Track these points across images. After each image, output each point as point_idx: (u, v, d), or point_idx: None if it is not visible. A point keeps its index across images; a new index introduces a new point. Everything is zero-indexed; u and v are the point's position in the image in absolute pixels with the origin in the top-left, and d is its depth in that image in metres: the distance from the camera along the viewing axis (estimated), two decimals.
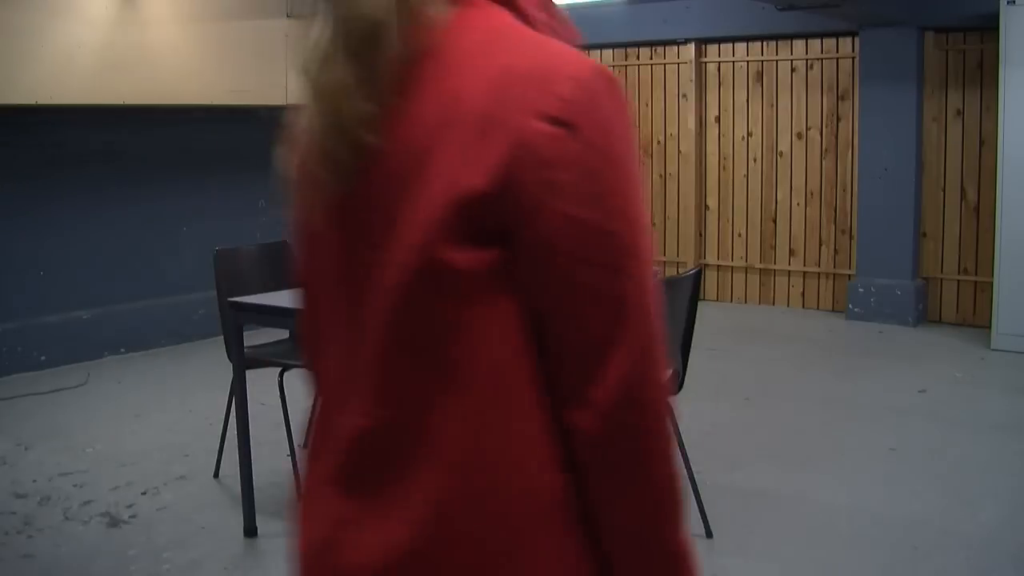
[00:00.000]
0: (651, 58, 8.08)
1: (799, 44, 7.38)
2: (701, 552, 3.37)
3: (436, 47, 0.95)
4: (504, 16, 0.98)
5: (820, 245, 7.32)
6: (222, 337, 3.93)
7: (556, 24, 1.01)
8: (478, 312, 0.94)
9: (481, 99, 0.92)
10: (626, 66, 8.25)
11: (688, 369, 3.32)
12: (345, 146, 0.95)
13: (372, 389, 1.00)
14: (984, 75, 6.52)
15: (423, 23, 0.94)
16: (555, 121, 0.90)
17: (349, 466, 1.04)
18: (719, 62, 7.75)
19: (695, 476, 3.43)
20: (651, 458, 0.97)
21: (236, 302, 3.46)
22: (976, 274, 6.67)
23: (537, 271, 0.93)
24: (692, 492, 3.40)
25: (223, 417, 4.03)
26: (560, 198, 0.91)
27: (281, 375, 3.86)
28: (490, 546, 0.97)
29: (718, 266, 7.87)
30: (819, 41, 7.27)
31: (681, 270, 7.39)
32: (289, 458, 3.91)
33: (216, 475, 4.03)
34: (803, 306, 7.39)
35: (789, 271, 7.46)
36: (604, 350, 0.93)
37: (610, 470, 0.96)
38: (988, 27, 6.20)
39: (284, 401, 3.85)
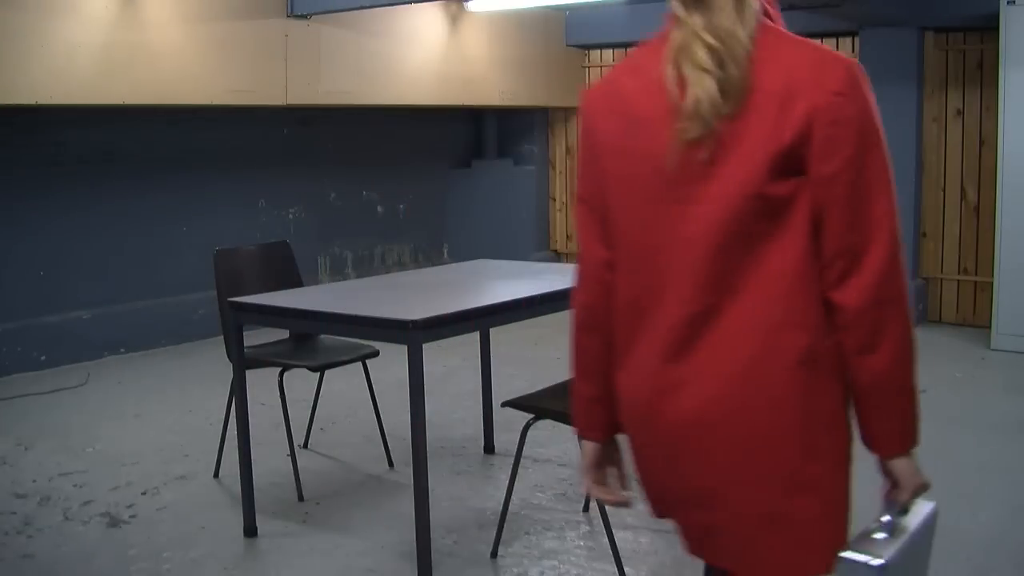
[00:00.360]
0: None
1: None
2: None
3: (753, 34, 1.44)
4: (769, 22, 1.51)
5: None
6: (222, 337, 3.93)
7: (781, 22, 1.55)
8: (781, 223, 1.41)
9: (780, 82, 1.40)
10: None
11: None
12: (710, 110, 1.40)
13: (697, 283, 1.44)
14: (984, 75, 6.51)
15: (753, 33, 1.45)
16: (835, 93, 1.39)
17: (674, 341, 1.46)
18: None
19: None
20: (897, 321, 1.41)
21: (236, 302, 3.45)
22: (976, 274, 6.67)
23: (823, 193, 1.40)
24: None
25: (223, 417, 4.03)
26: (841, 144, 1.39)
27: (281, 375, 3.86)
28: (782, 393, 1.42)
29: None
30: (819, 41, 7.25)
31: None
32: (289, 458, 3.91)
33: (216, 475, 4.03)
34: None
35: None
36: (867, 247, 1.40)
37: (866, 332, 1.40)
38: (988, 27, 6.20)
39: (284, 401, 3.85)
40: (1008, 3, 5.80)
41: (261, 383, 4.18)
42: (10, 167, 5.76)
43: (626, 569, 3.05)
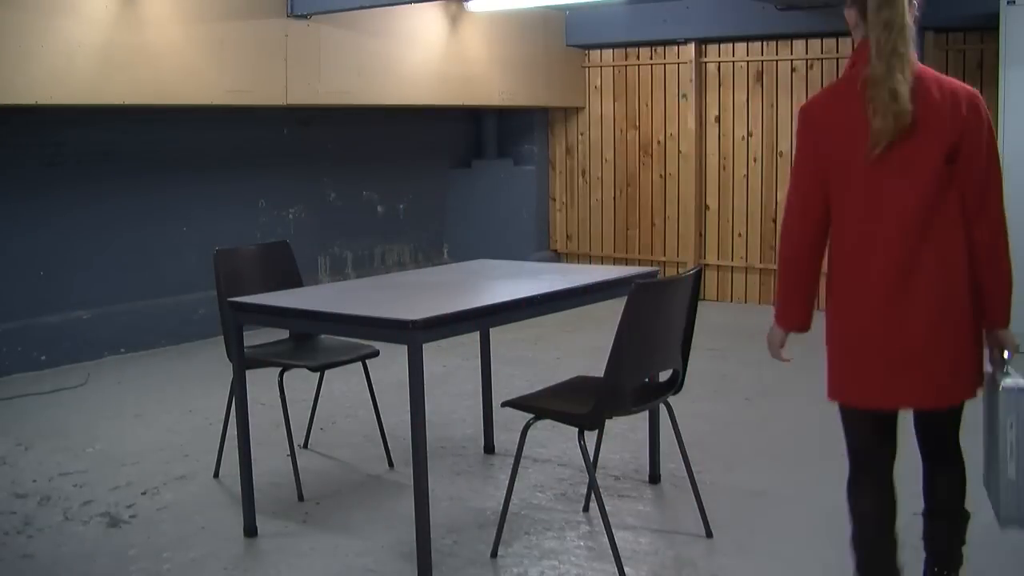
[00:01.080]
0: (651, 58, 8.08)
1: (799, 44, 7.38)
2: (701, 552, 3.34)
3: (917, 73, 2.37)
4: (922, 67, 2.41)
5: None
6: (222, 337, 3.93)
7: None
8: (948, 187, 2.36)
9: (948, 105, 2.35)
10: (626, 66, 8.25)
11: (688, 369, 3.32)
12: (903, 111, 2.32)
13: (907, 230, 2.37)
14: (984, 75, 6.51)
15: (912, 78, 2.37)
16: (974, 108, 2.37)
17: (897, 262, 2.38)
18: (719, 62, 7.75)
19: (695, 476, 3.43)
20: (1007, 245, 2.42)
21: (236, 302, 3.45)
22: None
23: (966, 167, 2.36)
24: (692, 492, 3.40)
25: (223, 417, 4.03)
26: (978, 140, 2.37)
27: (281, 375, 3.86)
28: (962, 291, 2.39)
29: (718, 266, 7.87)
30: (819, 41, 7.27)
31: (681, 270, 7.39)
32: (289, 458, 3.91)
33: (216, 475, 4.03)
34: None
35: None
36: (990, 199, 2.39)
37: (992, 253, 2.41)
38: (988, 27, 6.20)
39: (284, 401, 3.85)
40: (1008, 3, 5.80)
41: (261, 383, 4.18)
42: (10, 167, 5.77)
43: (626, 569, 3.05)
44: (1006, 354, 2.50)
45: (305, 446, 4.38)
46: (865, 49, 2.42)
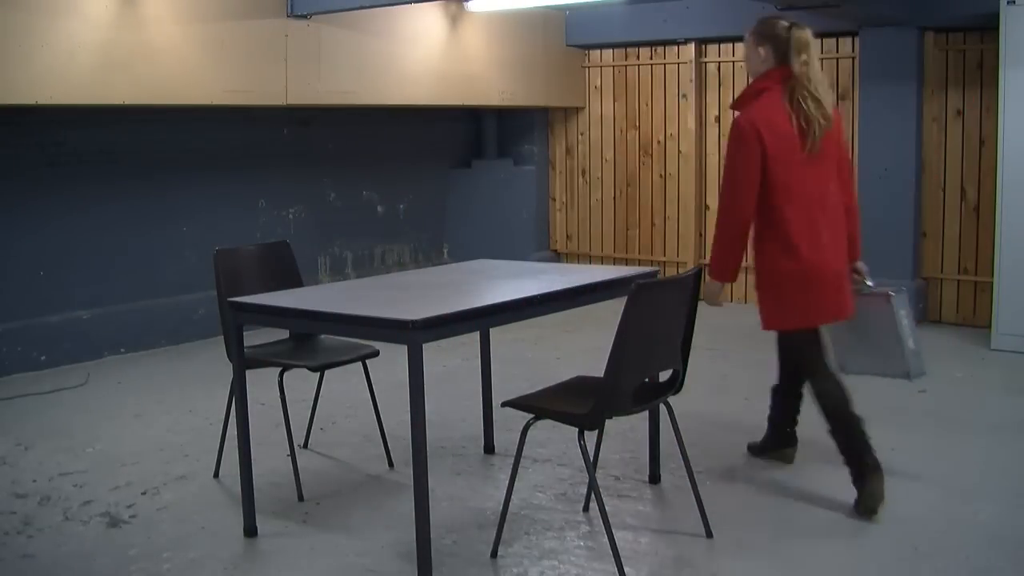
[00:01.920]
0: (651, 58, 8.08)
1: None
2: (701, 552, 3.35)
3: None
4: None
5: None
6: (222, 337, 3.93)
7: None
8: (835, 175, 3.67)
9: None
10: (626, 66, 8.25)
11: (688, 369, 3.32)
12: (825, 121, 3.55)
13: (822, 204, 3.56)
14: (984, 75, 6.51)
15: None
16: (839, 115, 3.70)
17: (827, 224, 3.57)
18: (719, 62, 7.75)
19: (695, 476, 3.43)
20: (857, 208, 3.80)
21: (236, 302, 3.45)
22: (976, 274, 6.67)
23: (841, 157, 3.73)
24: (692, 492, 3.40)
25: (223, 417, 4.03)
26: (844, 138, 3.80)
27: (281, 375, 3.86)
28: (844, 239, 3.68)
29: None
30: (819, 41, 7.23)
31: (681, 270, 7.39)
32: (289, 458, 3.91)
33: (216, 475, 4.03)
34: None
35: None
36: (850, 177, 3.85)
37: (854, 211, 3.75)
38: (988, 27, 6.20)
39: (284, 401, 3.86)
40: (1008, 3, 5.80)
41: (261, 383, 4.18)
42: (10, 167, 5.76)
43: (626, 569, 3.05)
44: (867, 280, 3.80)
45: (305, 446, 4.38)
46: (780, 76, 3.53)
